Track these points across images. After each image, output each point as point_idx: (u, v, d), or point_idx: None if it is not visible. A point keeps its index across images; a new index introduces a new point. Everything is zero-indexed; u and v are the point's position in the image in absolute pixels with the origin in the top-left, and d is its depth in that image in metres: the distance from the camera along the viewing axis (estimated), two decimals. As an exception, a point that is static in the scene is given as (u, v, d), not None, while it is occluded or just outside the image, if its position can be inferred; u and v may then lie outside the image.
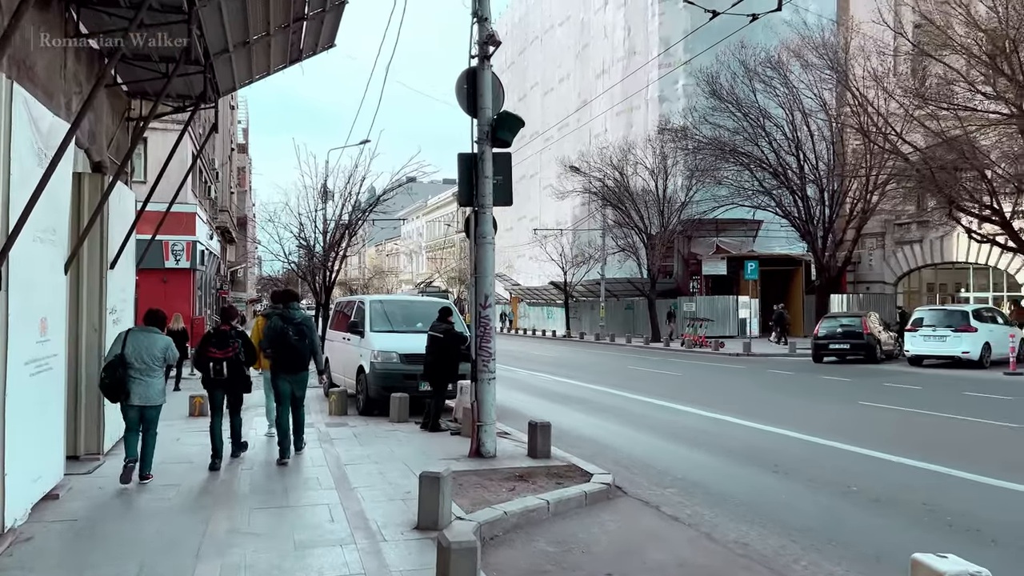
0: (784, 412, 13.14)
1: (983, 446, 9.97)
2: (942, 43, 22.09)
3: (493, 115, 9.14)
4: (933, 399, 14.62)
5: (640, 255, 38.16)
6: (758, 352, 27.69)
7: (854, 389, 16.68)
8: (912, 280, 37.97)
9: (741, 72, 29.24)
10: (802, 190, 29.26)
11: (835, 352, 23.41)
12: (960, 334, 20.51)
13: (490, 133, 9.09)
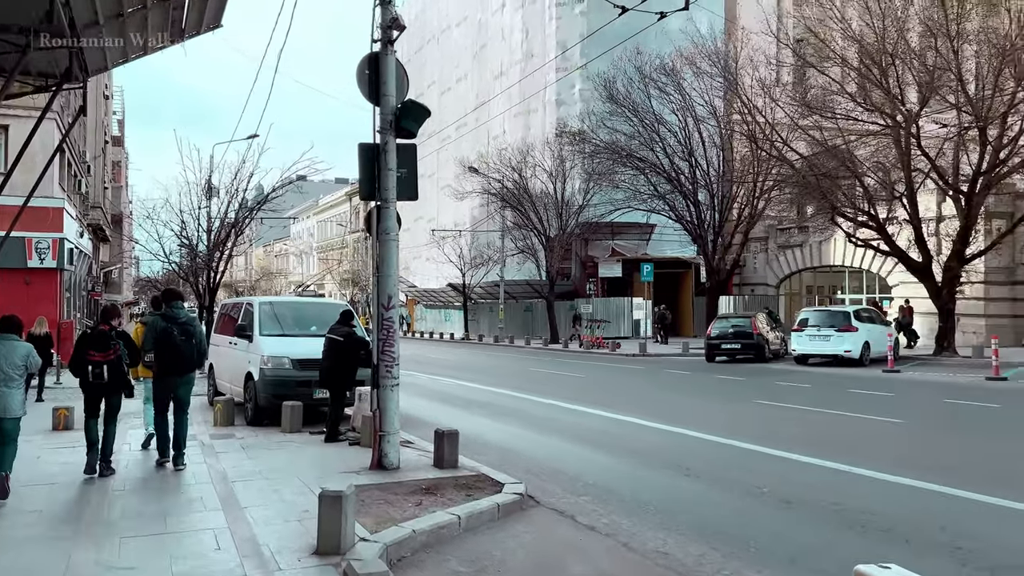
0: (686, 412, 13.21)
1: (874, 442, 10.24)
2: (824, 56, 23.14)
3: (397, 104, 8.62)
4: (823, 397, 15.11)
5: (539, 257, 38.27)
6: (654, 352, 28.20)
7: (749, 388, 17.08)
8: (793, 282, 39.79)
9: (637, 77, 29.76)
10: (694, 195, 30.07)
11: (727, 352, 24.08)
12: (843, 334, 21.48)
13: (394, 123, 8.56)
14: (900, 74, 21.98)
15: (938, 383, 17.55)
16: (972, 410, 12.99)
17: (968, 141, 21.81)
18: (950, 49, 20.53)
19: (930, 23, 21.02)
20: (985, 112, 20.57)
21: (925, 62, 21.68)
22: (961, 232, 22.40)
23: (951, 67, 20.62)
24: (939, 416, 12.64)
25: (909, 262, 23.72)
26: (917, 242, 23.29)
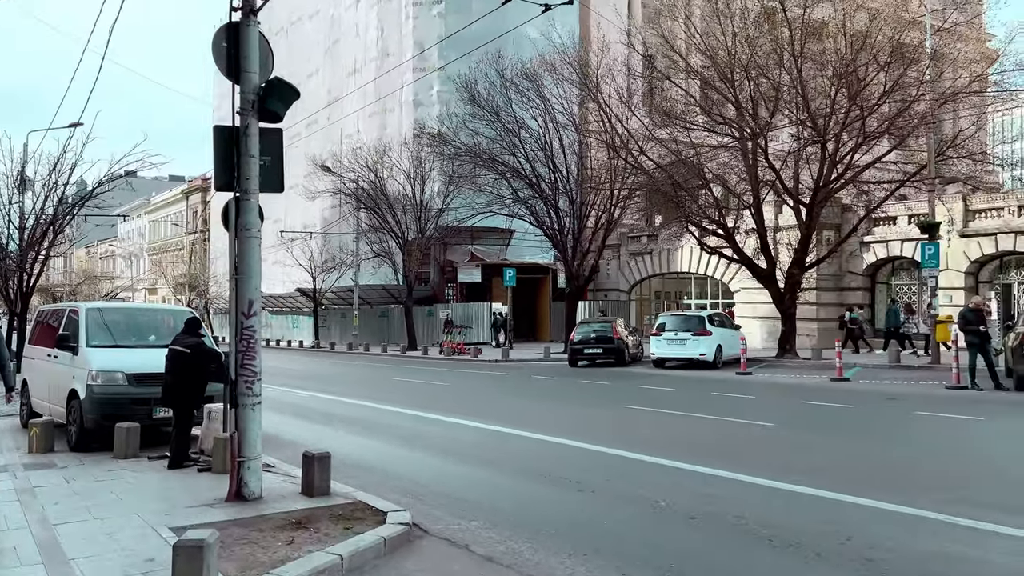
0: (562, 420, 12.87)
1: (754, 447, 10.29)
2: (678, 69, 23.87)
3: (261, 82, 7.57)
4: (689, 400, 15.32)
5: (396, 261, 37.19)
6: (516, 358, 27.99)
7: (616, 393, 17.09)
8: (643, 288, 41.18)
9: (498, 81, 29.50)
10: (555, 201, 30.22)
11: (589, 356, 24.24)
12: (698, 337, 22.17)
13: (257, 103, 7.51)
14: (752, 90, 23.03)
15: (789, 385, 18.38)
16: (831, 411, 13.51)
17: (810, 156, 23.23)
18: (794, 67, 21.74)
19: (775, 43, 22.15)
20: (824, 128, 21.96)
21: (771, 80, 22.85)
22: (802, 241, 23.81)
23: (796, 85, 21.84)
24: (805, 418, 13.02)
25: (755, 269, 24.94)
26: (763, 250, 24.53)
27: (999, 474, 8.39)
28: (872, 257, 30.66)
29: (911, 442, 10.53)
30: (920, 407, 13.43)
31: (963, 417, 12.20)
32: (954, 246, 27.85)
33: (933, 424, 11.94)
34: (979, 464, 9.00)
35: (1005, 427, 11.82)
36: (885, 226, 29.94)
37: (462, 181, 31.47)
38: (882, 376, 19.28)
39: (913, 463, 9.03)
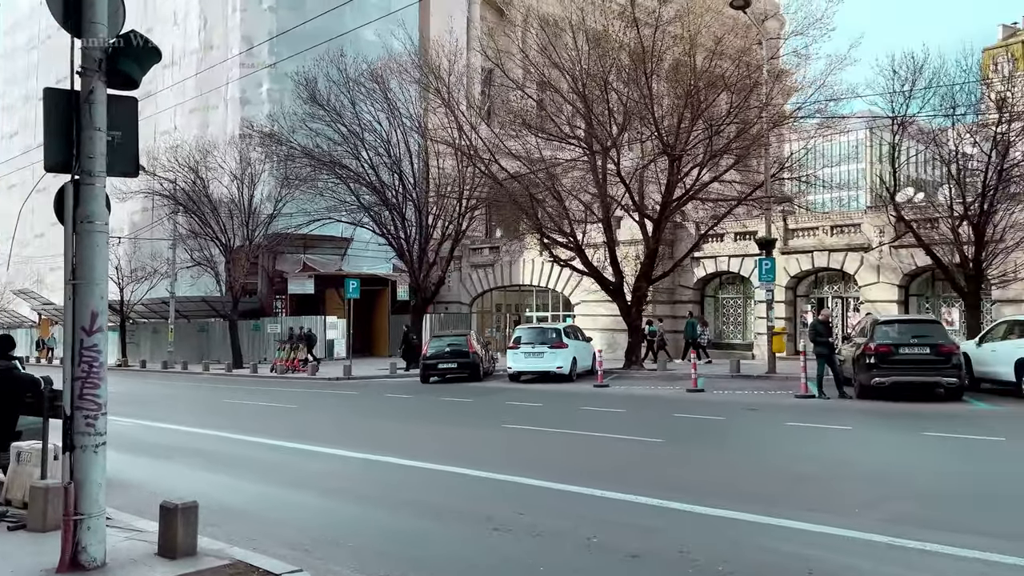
0: (440, 443, 11.80)
1: (658, 467, 9.77)
2: (534, 79, 23.64)
3: (111, 36, 5.97)
4: (563, 416, 14.78)
5: (219, 271, 34.11)
6: (359, 375, 26.37)
7: (484, 410, 16.27)
8: (485, 301, 40.78)
9: (340, 80, 27.83)
10: (401, 209, 28.97)
11: (443, 371, 23.22)
12: (555, 350, 21.87)
13: (104, 62, 5.90)
14: (602, 105, 23.22)
15: (650, 396, 18.43)
16: (708, 424, 13.47)
17: (660, 171, 23.80)
18: (645, 85, 22.15)
19: (627, 62, 22.46)
20: (673, 146, 22.56)
21: (621, 96, 23.16)
22: (649, 255, 24.31)
23: (646, 101, 22.26)
24: (686, 432, 12.73)
25: (604, 282, 25.15)
26: (612, 263, 24.79)
27: (924, 489, 8.39)
28: (702, 271, 32.17)
29: (808, 456, 10.30)
30: (787, 417, 13.73)
31: (834, 427, 12.55)
32: (776, 262, 29.82)
33: (814, 435, 12.11)
34: (892, 477, 9.02)
35: (880, 437, 12.12)
36: (714, 242, 31.48)
37: (301, 184, 29.32)
38: (728, 386, 19.85)
39: (827, 478, 8.83)
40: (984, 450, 10.55)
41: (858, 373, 16.18)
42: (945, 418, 13.50)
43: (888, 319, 17.41)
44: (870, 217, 27.40)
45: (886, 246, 26.40)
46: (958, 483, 8.46)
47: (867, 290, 27.32)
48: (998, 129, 18.38)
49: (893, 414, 14.12)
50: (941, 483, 8.50)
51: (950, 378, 15.30)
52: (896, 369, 15.50)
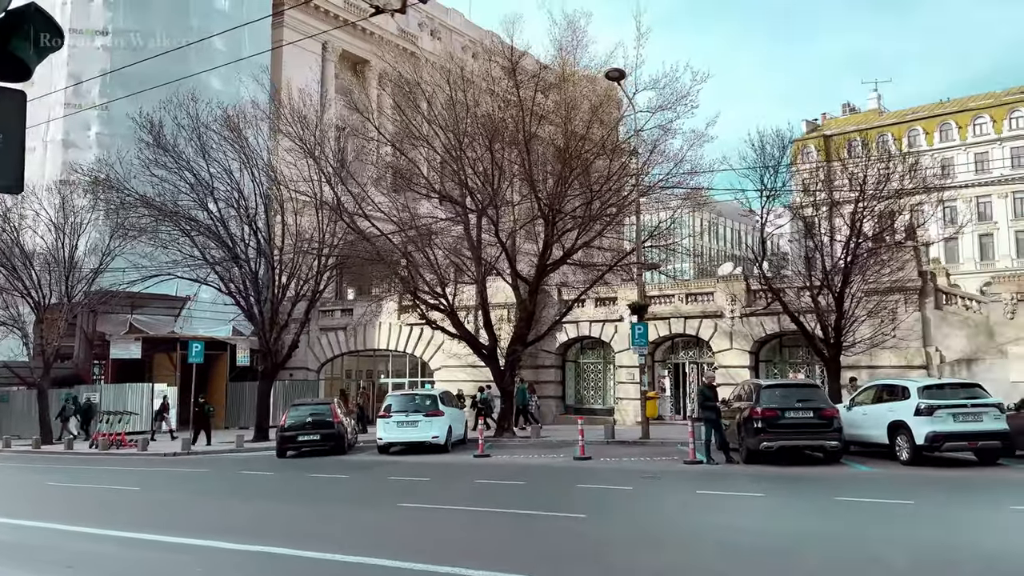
0: (346, 529, 10.24)
1: (603, 553, 8.91)
2: (409, 135, 22.94)
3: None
4: (458, 492, 13.61)
5: (28, 332, 29.78)
6: (202, 450, 23.53)
7: (368, 487, 14.73)
8: (334, 366, 38.54)
9: (191, 126, 25.57)
10: (254, 266, 26.73)
11: (305, 444, 21.11)
12: (431, 419, 20.59)
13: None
14: (479, 165, 22.85)
15: (540, 466, 17.59)
16: (620, 496, 12.81)
17: (536, 234, 23.62)
18: (524, 147, 22.07)
19: (510, 123, 22.36)
20: (550, 209, 22.51)
21: (498, 158, 22.93)
22: (526, 318, 23.88)
23: (524, 164, 22.16)
24: (608, 506, 11.75)
25: (477, 346, 24.34)
26: (486, 327, 24.10)
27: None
28: (564, 336, 32.24)
29: (759, 531, 9.86)
30: (693, 485, 13.44)
31: (747, 495, 12.36)
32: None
33: (734, 504, 11.74)
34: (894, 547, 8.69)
35: (800, 504, 11.95)
36: (576, 308, 31.72)
37: (139, 236, 26.29)
38: (610, 453, 19.47)
39: (827, 556, 8.40)
40: (910, 515, 10.60)
41: (746, 437, 16.31)
42: (842, 482, 13.76)
43: (772, 383, 17.87)
44: (723, 286, 28.77)
45: (737, 315, 27.77)
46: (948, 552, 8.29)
47: (721, 356, 28.41)
48: (857, 207, 19.94)
49: (790, 479, 14.21)
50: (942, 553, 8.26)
51: (833, 441, 15.79)
52: (783, 433, 15.77)
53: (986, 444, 14.85)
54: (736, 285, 28.46)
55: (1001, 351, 23.60)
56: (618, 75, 21.67)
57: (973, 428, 14.76)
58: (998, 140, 62.08)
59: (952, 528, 9.62)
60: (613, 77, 21.77)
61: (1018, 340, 23.41)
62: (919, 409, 14.98)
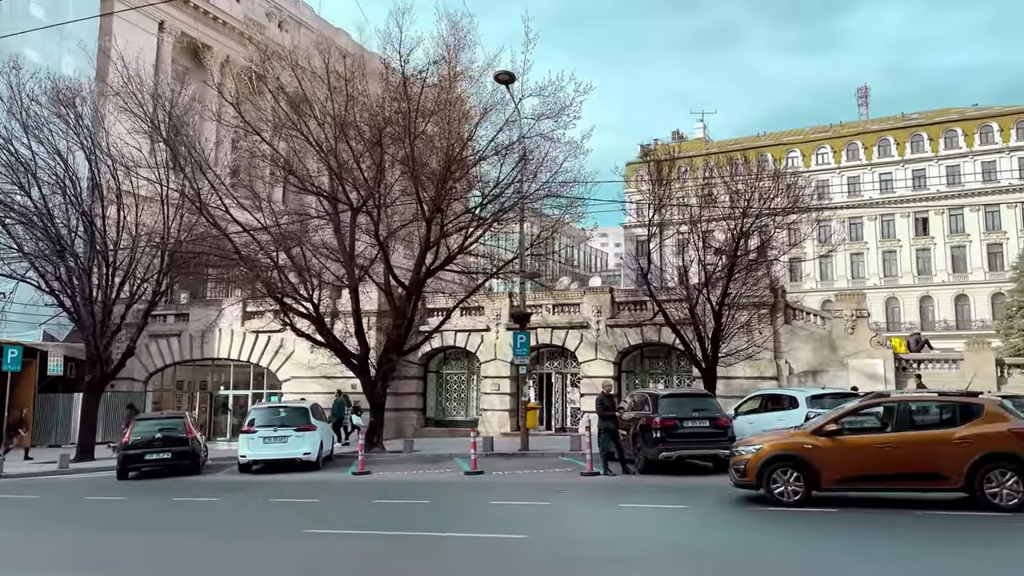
0: (279, 565, 8.73)
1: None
2: (273, 126, 21.11)
3: None
4: (365, 514, 12.33)
5: None
6: (14, 472, 20.11)
7: (257, 513, 12.96)
8: (166, 377, 34.86)
9: (13, 98, 21.98)
10: (86, 262, 23.40)
11: (154, 463, 18.51)
12: (302, 434, 18.82)
13: None
14: (355, 162, 21.39)
15: (434, 483, 16.41)
16: (542, 512, 12.10)
17: (417, 236, 22.43)
18: (409, 145, 20.89)
19: (398, 120, 21.07)
20: (430, 212, 21.48)
21: (375, 155, 21.58)
22: (406, 325, 22.62)
23: (408, 162, 21.00)
24: (542, 525, 11.03)
25: (346, 355, 22.73)
26: (357, 335, 22.56)
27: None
28: (427, 347, 31.17)
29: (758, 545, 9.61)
30: (610, 498, 13.03)
31: (673, 507, 12.11)
32: (502, 338, 30.05)
33: (674, 518, 11.47)
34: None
35: (735, 518, 11.91)
36: (440, 317, 30.80)
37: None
38: (498, 466, 18.73)
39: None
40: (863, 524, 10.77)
41: (643, 447, 16.24)
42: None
43: (670, 393, 17.96)
44: (590, 297, 29.07)
45: (603, 326, 28.17)
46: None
47: (586, 366, 28.64)
48: (738, 223, 20.72)
49: (700, 489, 14.15)
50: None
51: (727, 450, 16.03)
52: (682, 443, 15.86)
53: (868, 450, 15.69)
54: (602, 296, 28.87)
55: (843, 363, 25.58)
56: (508, 78, 21.16)
57: (857, 436, 15.55)
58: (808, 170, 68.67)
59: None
60: (503, 80, 21.24)
61: (857, 353, 25.49)
62: (808, 418, 15.57)
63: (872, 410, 12.11)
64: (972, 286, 62.38)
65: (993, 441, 10.86)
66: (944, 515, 10.80)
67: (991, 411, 11.34)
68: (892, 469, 11.20)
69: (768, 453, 11.85)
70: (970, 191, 63.15)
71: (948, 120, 66.66)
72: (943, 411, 11.73)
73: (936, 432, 11.35)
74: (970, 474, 10.79)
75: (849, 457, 11.38)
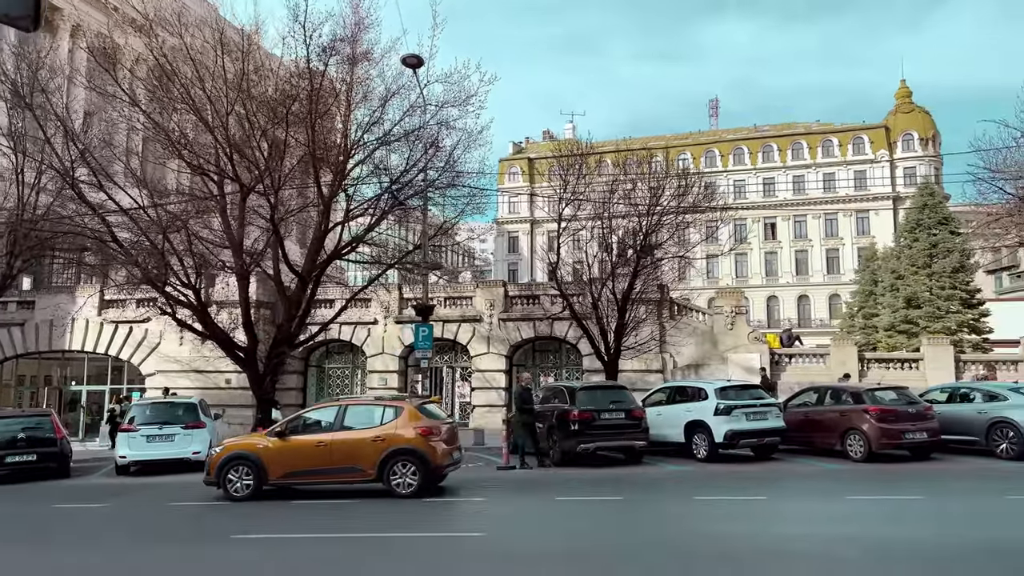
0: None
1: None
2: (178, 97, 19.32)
3: None
4: (283, 518, 11.43)
5: None
6: None
7: (160, 517, 11.70)
8: (5, 371, 31.24)
9: None
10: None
11: (15, 466, 16.35)
12: (191, 432, 17.34)
13: None
14: (245, 141, 19.93)
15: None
16: (490, 509, 11.69)
17: (311, 222, 21.22)
18: (309, 124, 19.71)
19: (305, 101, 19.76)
20: (329, 198, 20.43)
21: (269, 134, 20.21)
22: (301, 315, 21.30)
23: (309, 144, 19.81)
24: (532, 527, 10.75)
25: (231, 347, 21.15)
26: (245, 326, 21.02)
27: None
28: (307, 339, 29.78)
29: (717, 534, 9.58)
30: (542, 492, 12.85)
31: (605, 499, 12.07)
32: (390, 331, 29.26)
33: (634, 510, 11.40)
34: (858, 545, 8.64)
35: (665, 507, 11.93)
36: (323, 308, 29.50)
37: None
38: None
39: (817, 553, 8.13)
40: (769, 511, 11.14)
41: (560, 440, 16.20)
42: (676, 481, 14.23)
43: (587, 385, 17.99)
44: (482, 291, 28.84)
45: (496, 320, 28.06)
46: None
47: (478, 360, 28.40)
48: (642, 221, 21.13)
49: (624, 480, 14.28)
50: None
51: (642, 441, 16.35)
52: (599, 434, 15.96)
53: (770, 440, 16.49)
54: (496, 290, 28.73)
55: (723, 357, 26.87)
56: (416, 62, 20.38)
57: (761, 426, 16.30)
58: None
59: (849, 518, 10.31)
60: (410, 64, 20.43)
61: (736, 348, 26.86)
62: (719, 409, 16.14)
63: (317, 415, 13.62)
64: (813, 287, 67.75)
65: (400, 439, 12.48)
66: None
67: (409, 412, 12.87)
68: (326, 464, 12.68)
69: (226, 453, 13.07)
70: (813, 199, 68.62)
71: (795, 133, 72.02)
72: (377, 413, 13.16)
73: (361, 432, 12.80)
74: (381, 467, 12.40)
75: (293, 455, 12.79)
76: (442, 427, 13.11)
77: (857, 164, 68.34)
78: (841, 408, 16.48)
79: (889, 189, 66.57)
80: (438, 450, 12.57)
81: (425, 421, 12.81)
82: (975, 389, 17.39)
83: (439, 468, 12.67)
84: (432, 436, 12.60)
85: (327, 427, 13.06)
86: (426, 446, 12.42)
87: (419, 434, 12.48)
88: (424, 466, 12.35)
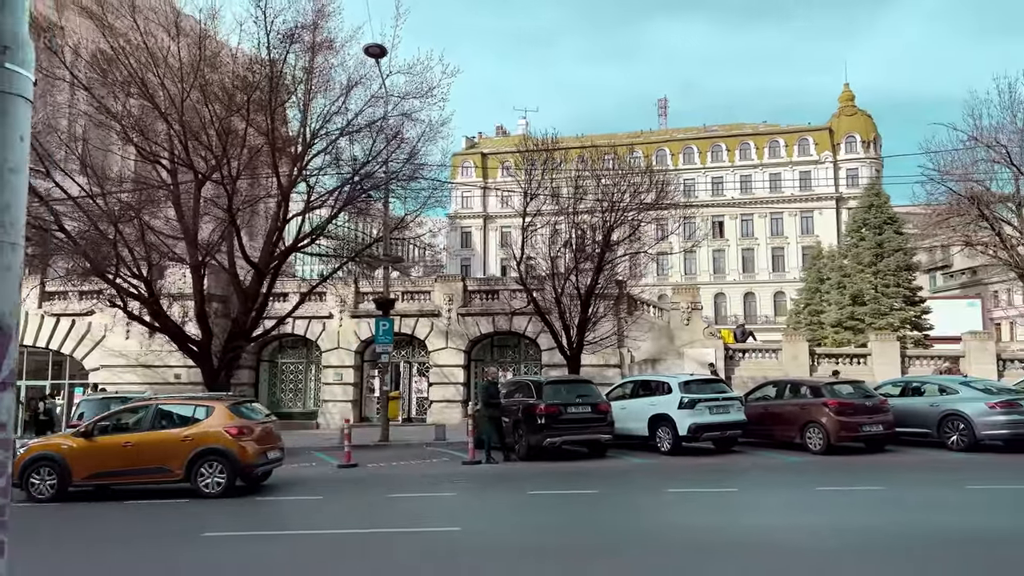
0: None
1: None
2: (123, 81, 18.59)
3: None
4: (252, 515, 11.09)
5: None
6: None
7: (125, 516, 11.22)
8: (-65, 366, 29.70)
9: None
10: None
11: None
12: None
13: None
14: (201, 124, 19.32)
15: (312, 478, 15.20)
16: (461, 504, 11.55)
17: (268, 213, 20.69)
18: (268, 112, 19.24)
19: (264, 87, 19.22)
20: (287, 187, 19.97)
21: (225, 120, 19.62)
22: (258, 308, 20.77)
23: (268, 132, 19.32)
24: (472, 517, 10.59)
25: (184, 340, 20.51)
26: (199, 319, 20.40)
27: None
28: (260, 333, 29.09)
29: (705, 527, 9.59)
30: (513, 485, 12.77)
31: (579, 492, 12.06)
32: (345, 325, 28.80)
33: (609, 502, 11.36)
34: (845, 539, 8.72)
35: (645, 499, 11.94)
36: (278, 302, 28.85)
37: None
38: (368, 458, 17.72)
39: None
40: (743, 502, 11.28)
41: (527, 434, 16.14)
42: (646, 473, 14.29)
43: (553, 379, 17.95)
44: (441, 286, 28.61)
45: (455, 315, 27.88)
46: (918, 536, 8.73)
47: (436, 355, 28.17)
48: (605, 216, 21.19)
49: (593, 473, 14.30)
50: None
51: (607, 435, 16.40)
52: (565, 428, 15.96)
53: (732, 433, 16.76)
54: (455, 285, 28.55)
55: (679, 352, 27.22)
56: (378, 51, 20.10)
57: (724, 419, 16.55)
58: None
59: (821, 507, 10.48)
60: (373, 53, 20.13)
61: (692, 343, 27.23)
62: (683, 403, 16.32)
63: (126, 415, 13.49)
64: (759, 285, 69.24)
65: (208, 439, 12.48)
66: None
67: (220, 411, 12.89)
68: (134, 465, 12.63)
69: (30, 454, 12.87)
70: (760, 199, 70.09)
71: (743, 134, 73.43)
72: (188, 412, 13.18)
73: (168, 432, 12.85)
74: (189, 467, 12.39)
75: (99, 455, 12.67)
76: (255, 427, 13.03)
77: (802, 165, 70.08)
78: (801, 402, 16.84)
79: (832, 190, 68.46)
80: (248, 449, 12.49)
81: (237, 421, 12.77)
82: (927, 382, 17.97)
83: (248, 467, 12.59)
84: (243, 436, 12.54)
85: (136, 427, 13.04)
86: (235, 445, 12.36)
87: (228, 434, 12.44)
88: (232, 465, 12.30)
